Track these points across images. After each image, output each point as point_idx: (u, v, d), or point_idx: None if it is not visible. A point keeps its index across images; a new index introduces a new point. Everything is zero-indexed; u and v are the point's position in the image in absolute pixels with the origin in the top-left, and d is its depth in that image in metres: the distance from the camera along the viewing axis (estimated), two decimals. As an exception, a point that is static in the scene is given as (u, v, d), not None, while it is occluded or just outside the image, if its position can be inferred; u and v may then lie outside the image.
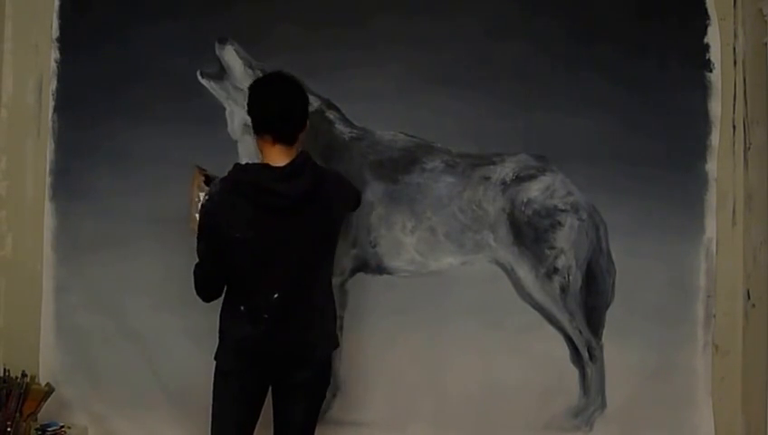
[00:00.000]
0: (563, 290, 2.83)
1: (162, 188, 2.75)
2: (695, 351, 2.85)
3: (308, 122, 2.24)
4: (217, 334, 2.26)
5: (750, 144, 2.86)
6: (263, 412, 2.31)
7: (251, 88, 2.21)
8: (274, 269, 2.15)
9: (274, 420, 2.33)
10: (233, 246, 2.13)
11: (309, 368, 2.25)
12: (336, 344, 2.37)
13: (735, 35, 2.88)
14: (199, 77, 2.82)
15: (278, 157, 2.16)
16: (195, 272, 2.22)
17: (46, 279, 2.89)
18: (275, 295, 2.15)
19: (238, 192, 2.12)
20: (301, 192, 2.13)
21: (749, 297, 2.82)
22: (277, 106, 2.15)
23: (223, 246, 2.14)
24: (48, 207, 2.89)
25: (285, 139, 2.16)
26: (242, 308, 2.19)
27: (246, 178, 2.13)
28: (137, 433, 2.83)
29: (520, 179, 2.85)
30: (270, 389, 2.30)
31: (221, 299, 2.25)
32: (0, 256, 2.91)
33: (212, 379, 2.27)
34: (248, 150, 2.81)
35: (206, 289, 2.23)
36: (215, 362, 2.26)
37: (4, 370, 2.71)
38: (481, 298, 2.83)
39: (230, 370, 2.24)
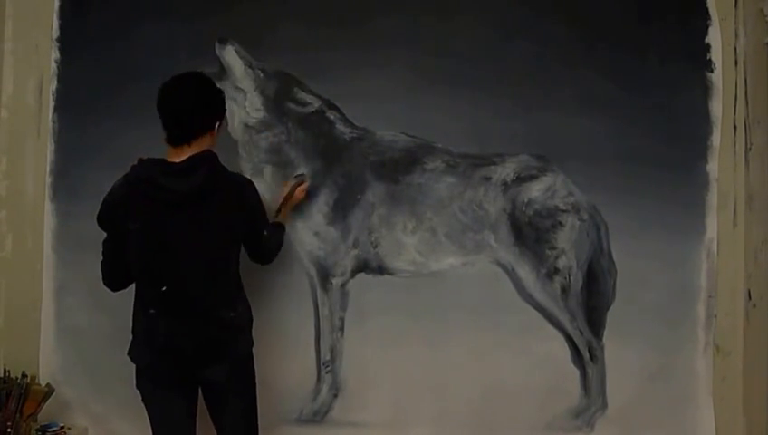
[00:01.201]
0: (564, 290, 2.83)
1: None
2: (696, 351, 2.85)
3: (212, 130, 2.27)
4: None
5: (751, 144, 2.86)
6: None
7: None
8: (163, 263, 2.20)
9: (212, 423, 2.36)
10: (126, 238, 2.21)
11: (221, 366, 2.25)
12: (248, 345, 2.35)
13: (736, 35, 2.88)
14: (200, 77, 2.81)
15: (176, 154, 2.22)
16: (101, 262, 2.34)
17: (46, 279, 2.89)
18: (163, 289, 2.20)
19: (133, 185, 2.20)
20: (189, 189, 2.17)
21: (750, 297, 2.83)
22: (169, 108, 2.21)
23: (118, 237, 2.23)
24: (48, 207, 2.89)
25: (177, 139, 2.21)
26: (140, 301, 2.27)
27: (140, 173, 2.20)
28: (137, 434, 2.82)
29: (521, 180, 2.85)
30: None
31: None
32: (0, 256, 2.90)
33: None
34: (248, 150, 2.81)
35: (107, 278, 2.34)
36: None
37: (5, 370, 2.71)
38: (482, 299, 2.83)
39: (142, 365, 2.29)
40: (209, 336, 2.24)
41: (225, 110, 2.35)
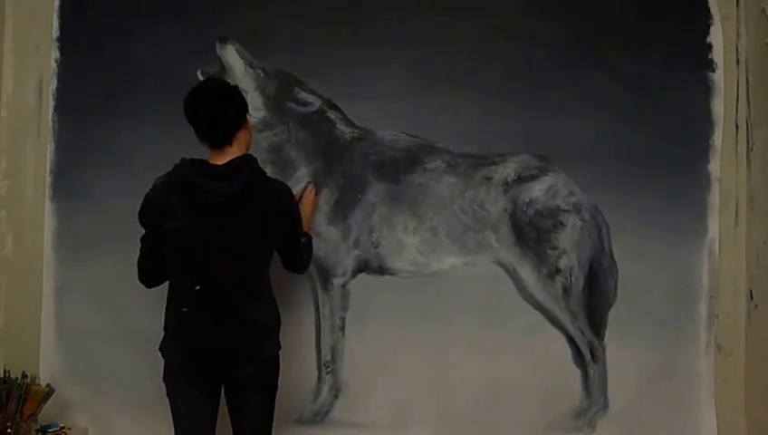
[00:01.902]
0: (565, 291, 2.83)
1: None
2: (697, 351, 2.85)
3: (245, 123, 2.30)
4: None
5: (753, 144, 2.85)
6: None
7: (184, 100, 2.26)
8: (199, 262, 2.22)
9: (229, 416, 2.36)
10: (164, 236, 2.23)
11: (249, 367, 2.27)
12: (276, 347, 2.35)
13: (738, 35, 2.87)
14: (200, 77, 2.80)
15: (217, 156, 2.25)
16: (138, 257, 2.35)
17: (46, 279, 2.89)
18: (197, 288, 2.21)
19: (174, 185, 2.22)
20: (231, 192, 2.19)
21: (752, 298, 2.82)
22: (202, 116, 2.23)
23: (156, 235, 2.25)
24: (48, 207, 2.89)
25: (218, 142, 2.25)
26: (174, 299, 2.28)
27: (183, 172, 2.22)
28: (137, 434, 2.82)
29: (522, 180, 2.84)
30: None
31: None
32: (0, 256, 2.90)
33: None
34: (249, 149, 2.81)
35: (142, 274, 2.35)
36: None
37: (5, 370, 2.70)
38: (483, 299, 2.82)
39: (171, 361, 2.29)
40: (240, 338, 2.25)
41: (246, 101, 2.34)
